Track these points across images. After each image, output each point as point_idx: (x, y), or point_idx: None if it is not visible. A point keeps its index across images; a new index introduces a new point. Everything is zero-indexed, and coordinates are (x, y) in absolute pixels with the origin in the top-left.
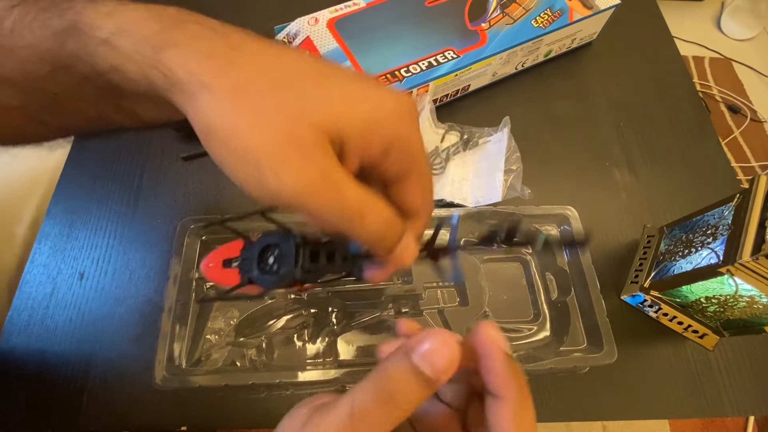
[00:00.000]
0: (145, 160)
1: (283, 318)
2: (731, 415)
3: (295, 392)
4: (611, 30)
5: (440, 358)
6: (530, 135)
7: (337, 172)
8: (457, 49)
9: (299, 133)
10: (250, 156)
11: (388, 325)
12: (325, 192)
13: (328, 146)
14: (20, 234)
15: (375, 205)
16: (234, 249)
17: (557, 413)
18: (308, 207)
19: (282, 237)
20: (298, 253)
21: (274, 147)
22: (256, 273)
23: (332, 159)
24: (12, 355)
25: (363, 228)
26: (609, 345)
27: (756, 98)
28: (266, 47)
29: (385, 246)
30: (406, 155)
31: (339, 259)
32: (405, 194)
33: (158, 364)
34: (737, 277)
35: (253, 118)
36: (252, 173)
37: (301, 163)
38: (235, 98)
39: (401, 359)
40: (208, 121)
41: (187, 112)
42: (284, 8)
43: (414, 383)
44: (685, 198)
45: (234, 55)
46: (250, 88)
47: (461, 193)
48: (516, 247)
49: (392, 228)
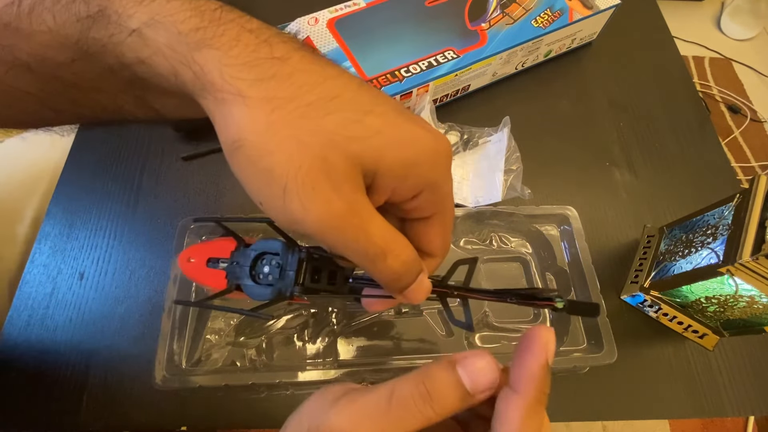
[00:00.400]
0: (145, 160)
1: (283, 318)
2: (731, 415)
3: (295, 392)
4: (611, 30)
5: (483, 378)
6: (530, 135)
7: (365, 207)
8: (457, 49)
9: (333, 161)
10: (277, 178)
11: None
12: (351, 227)
13: (360, 179)
14: (21, 233)
15: (398, 245)
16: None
17: (557, 413)
18: (331, 240)
19: (283, 246)
20: (300, 269)
21: (305, 172)
22: (246, 281)
23: (362, 193)
24: (12, 355)
25: (384, 268)
26: (609, 345)
27: (756, 98)
28: (310, 62)
29: (401, 285)
30: (435, 198)
31: (340, 280)
32: (425, 234)
33: (158, 364)
34: (737, 277)
35: (288, 139)
36: (276, 196)
37: (331, 194)
38: (272, 115)
39: (447, 367)
40: (239, 134)
41: (215, 118)
42: (284, 8)
43: (453, 391)
44: (685, 198)
45: (276, 67)
46: (288, 106)
47: (461, 193)
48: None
49: (412, 268)
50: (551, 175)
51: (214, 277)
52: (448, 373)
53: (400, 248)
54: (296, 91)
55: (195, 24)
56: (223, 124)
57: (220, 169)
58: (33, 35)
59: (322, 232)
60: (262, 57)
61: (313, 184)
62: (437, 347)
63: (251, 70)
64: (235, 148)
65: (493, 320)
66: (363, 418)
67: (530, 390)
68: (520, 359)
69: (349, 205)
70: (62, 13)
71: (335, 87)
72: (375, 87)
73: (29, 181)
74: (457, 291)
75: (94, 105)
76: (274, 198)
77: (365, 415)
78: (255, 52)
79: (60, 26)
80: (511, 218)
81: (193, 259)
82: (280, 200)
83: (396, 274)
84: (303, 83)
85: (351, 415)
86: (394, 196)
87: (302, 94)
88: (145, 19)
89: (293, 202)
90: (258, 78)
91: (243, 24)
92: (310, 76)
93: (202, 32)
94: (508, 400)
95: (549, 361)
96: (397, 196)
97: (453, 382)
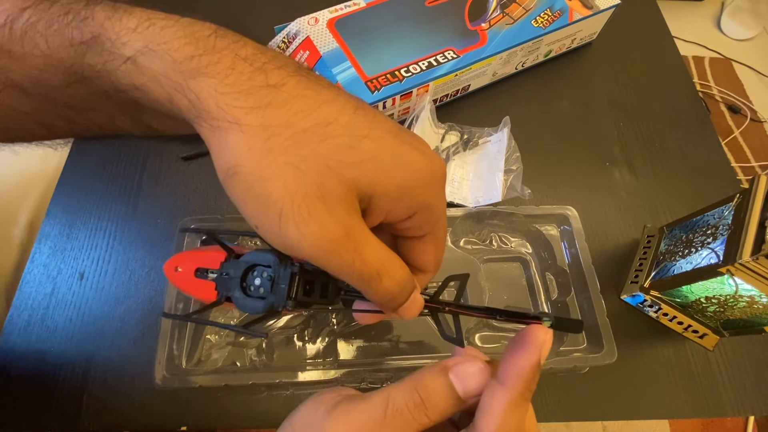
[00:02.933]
0: (145, 160)
1: (283, 318)
2: (731, 415)
3: (295, 392)
4: (611, 30)
5: (474, 383)
6: (530, 135)
7: (360, 231)
8: (457, 49)
9: (329, 186)
10: (273, 204)
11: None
12: (346, 251)
13: (356, 203)
14: (17, 236)
15: (393, 266)
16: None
17: (557, 413)
18: (326, 263)
19: (275, 260)
20: (293, 283)
21: (301, 198)
22: (237, 294)
23: (357, 217)
24: (12, 355)
25: (379, 289)
26: (609, 345)
27: (756, 98)
28: (305, 87)
29: (395, 304)
30: (429, 218)
31: (333, 292)
32: (418, 252)
33: (158, 364)
34: (737, 277)
35: (284, 166)
36: (272, 221)
37: (327, 219)
38: (268, 142)
39: (439, 374)
40: (235, 161)
41: (211, 145)
42: (284, 8)
43: (447, 398)
44: (685, 198)
45: (271, 95)
46: (284, 133)
47: (461, 193)
48: None
49: (406, 289)
50: (551, 175)
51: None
52: (440, 381)
53: (395, 269)
54: (291, 118)
55: (189, 52)
56: (218, 151)
57: None
58: (26, 58)
59: (318, 256)
60: (257, 85)
61: (309, 209)
62: (437, 347)
63: (247, 99)
64: (231, 174)
65: (493, 320)
66: (359, 429)
67: (517, 385)
68: (512, 355)
69: (345, 230)
70: (55, 38)
71: (331, 113)
72: (371, 108)
73: (24, 184)
74: (448, 307)
75: (89, 123)
76: (270, 223)
77: (361, 426)
78: (250, 80)
79: (53, 51)
80: (511, 218)
81: (180, 269)
82: (276, 225)
83: (390, 295)
84: (298, 110)
85: (347, 427)
86: (389, 217)
87: (297, 120)
88: (139, 47)
89: (289, 227)
90: (254, 106)
91: (237, 51)
92: (306, 102)
93: (197, 60)
94: (494, 392)
95: (541, 360)
96: (391, 217)
97: (446, 389)
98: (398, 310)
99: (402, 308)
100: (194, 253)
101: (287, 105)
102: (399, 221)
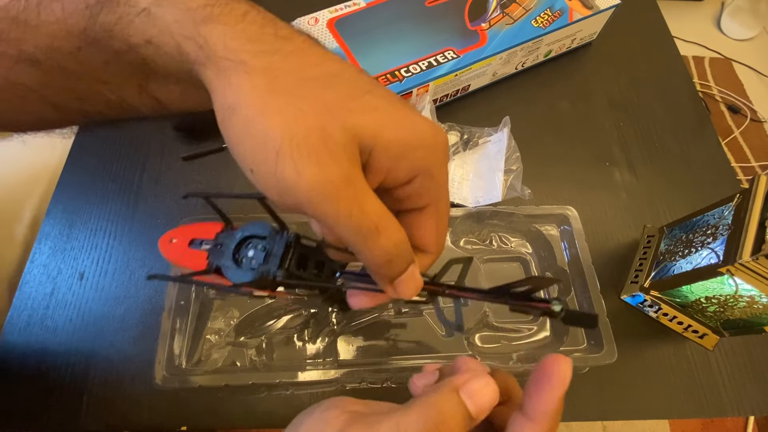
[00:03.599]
0: (145, 160)
1: (283, 318)
2: (731, 415)
3: (295, 392)
4: (611, 30)
5: (486, 400)
6: (530, 135)
7: (360, 180)
8: (457, 49)
9: (331, 130)
10: (270, 141)
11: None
12: (345, 199)
13: (356, 153)
14: (20, 233)
15: (392, 225)
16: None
17: None
18: (322, 210)
19: (272, 230)
20: (287, 254)
21: (302, 137)
22: (228, 263)
23: (358, 167)
24: (12, 355)
25: (375, 246)
26: (609, 345)
27: (756, 98)
28: (312, 45)
29: (392, 271)
30: (430, 187)
31: (327, 272)
32: (418, 228)
33: (158, 364)
34: (737, 277)
35: (286, 105)
36: (268, 160)
37: (327, 161)
38: (272, 81)
39: (451, 395)
40: (236, 98)
41: (215, 87)
42: (284, 8)
43: (460, 421)
44: (685, 198)
45: (279, 43)
46: (289, 77)
47: (461, 193)
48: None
49: (404, 253)
50: (551, 175)
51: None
52: (453, 404)
53: (394, 228)
54: (297, 66)
55: (204, 1)
56: (221, 91)
57: (220, 170)
58: (40, 26)
59: (316, 201)
60: (267, 33)
61: (309, 149)
62: (437, 347)
63: (255, 44)
64: (230, 112)
65: (493, 320)
66: None
67: (546, 421)
68: (538, 389)
69: (345, 175)
70: (71, 2)
71: (335, 68)
72: None
73: (28, 181)
74: (449, 289)
75: (98, 99)
76: (266, 163)
77: None
78: (261, 29)
79: (68, 15)
80: (511, 218)
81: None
82: (272, 164)
83: (388, 255)
84: (304, 61)
85: None
86: (388, 178)
87: (303, 69)
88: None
89: (286, 166)
90: (261, 50)
91: (251, 5)
92: (312, 56)
93: (210, 9)
94: (524, 425)
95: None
96: (391, 179)
97: (460, 411)
98: (395, 284)
99: (399, 281)
100: (191, 226)
101: (294, 55)
102: (399, 185)
